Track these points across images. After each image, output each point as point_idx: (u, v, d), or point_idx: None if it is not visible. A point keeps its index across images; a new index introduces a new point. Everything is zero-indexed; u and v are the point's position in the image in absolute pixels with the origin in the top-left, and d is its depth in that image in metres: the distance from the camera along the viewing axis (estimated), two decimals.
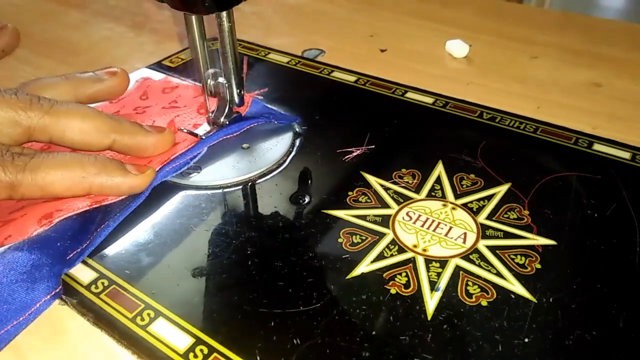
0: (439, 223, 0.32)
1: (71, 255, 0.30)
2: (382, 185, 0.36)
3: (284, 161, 0.38)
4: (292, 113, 0.43)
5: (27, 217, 0.31)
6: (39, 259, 0.28)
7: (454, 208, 0.34)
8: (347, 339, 0.26)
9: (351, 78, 0.48)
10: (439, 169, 0.37)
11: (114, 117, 0.34)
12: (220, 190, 0.36)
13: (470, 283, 0.29)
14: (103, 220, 0.32)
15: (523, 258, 0.30)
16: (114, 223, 0.31)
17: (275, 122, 0.40)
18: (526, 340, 0.26)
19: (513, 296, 0.28)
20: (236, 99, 0.37)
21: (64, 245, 0.30)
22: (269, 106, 0.42)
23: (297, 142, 0.40)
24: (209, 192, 0.36)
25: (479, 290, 0.28)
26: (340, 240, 0.32)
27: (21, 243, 0.29)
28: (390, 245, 0.31)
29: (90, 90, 0.37)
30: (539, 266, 0.30)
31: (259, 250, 0.31)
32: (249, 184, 0.36)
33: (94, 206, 0.32)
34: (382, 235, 0.32)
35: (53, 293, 0.28)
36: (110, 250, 0.31)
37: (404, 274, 0.29)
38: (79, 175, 0.31)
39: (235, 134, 0.39)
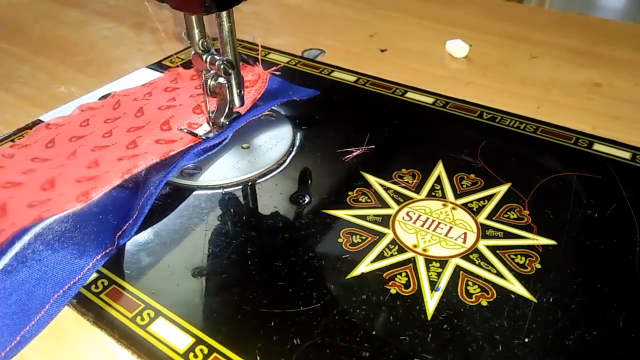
0: (439, 223, 0.32)
1: (125, 227, 0.32)
2: (382, 185, 0.36)
3: (284, 161, 0.38)
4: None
5: (64, 196, 0.32)
6: (86, 226, 0.30)
7: (454, 208, 0.34)
8: (347, 339, 0.26)
9: (351, 78, 0.48)
10: (439, 169, 0.37)
11: None
12: (220, 190, 0.36)
13: (470, 283, 0.29)
14: (145, 191, 0.33)
15: (523, 258, 0.30)
16: (156, 190, 0.33)
17: (297, 99, 0.42)
18: (526, 340, 0.26)
19: (513, 296, 0.28)
20: (236, 99, 0.37)
21: (106, 218, 0.31)
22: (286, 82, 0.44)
23: (297, 142, 0.40)
24: (209, 192, 0.36)
25: (479, 290, 0.28)
26: (340, 240, 0.32)
27: (64, 216, 0.31)
28: (390, 245, 0.31)
29: None
30: (539, 266, 0.30)
31: (259, 250, 0.31)
32: (249, 184, 0.36)
33: (126, 176, 0.34)
34: (382, 235, 0.32)
35: (103, 253, 0.30)
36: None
37: (404, 274, 0.29)
38: None
39: (260, 115, 0.40)
